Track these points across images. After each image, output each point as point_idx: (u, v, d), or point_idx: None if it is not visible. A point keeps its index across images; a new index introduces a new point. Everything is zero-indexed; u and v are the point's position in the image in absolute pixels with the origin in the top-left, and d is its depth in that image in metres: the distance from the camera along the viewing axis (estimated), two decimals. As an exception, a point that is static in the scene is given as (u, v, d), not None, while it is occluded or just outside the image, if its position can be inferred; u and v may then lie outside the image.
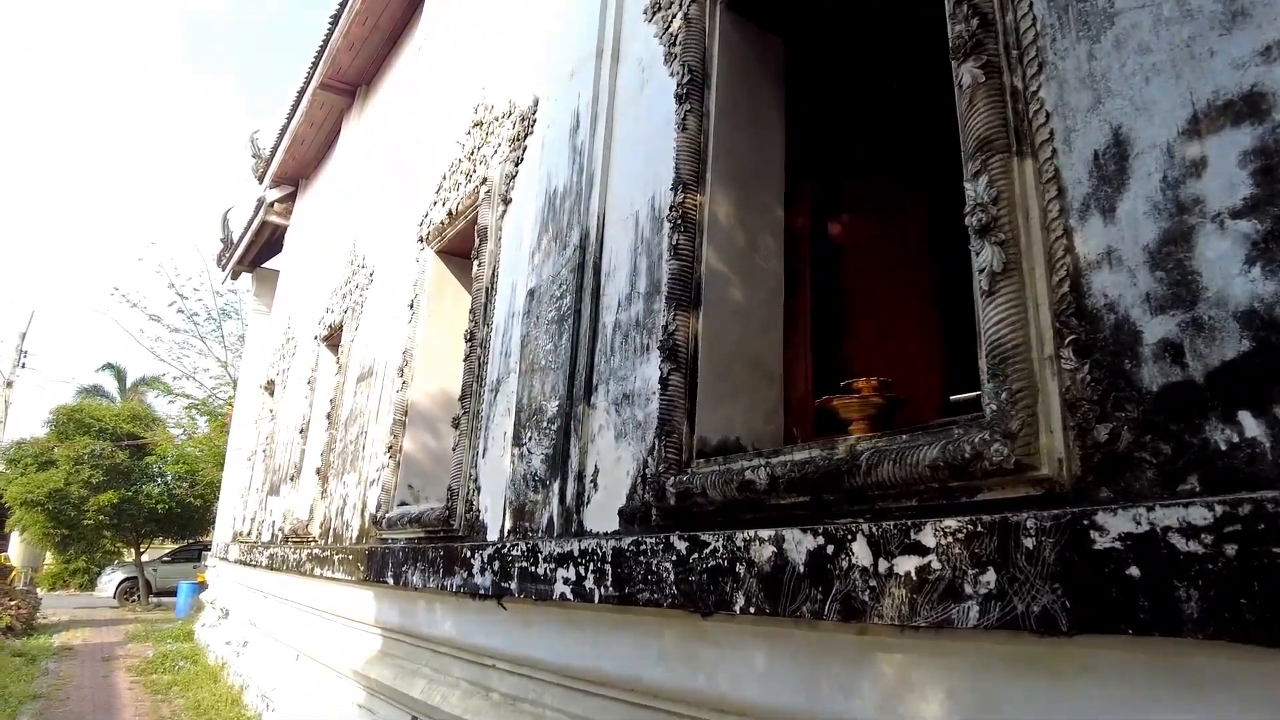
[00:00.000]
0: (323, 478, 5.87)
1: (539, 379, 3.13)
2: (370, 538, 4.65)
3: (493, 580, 2.91)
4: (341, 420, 5.87)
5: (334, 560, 4.83)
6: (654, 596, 2.09)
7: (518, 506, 3.06)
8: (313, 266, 8.58)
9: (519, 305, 3.54)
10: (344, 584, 4.73)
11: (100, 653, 9.57)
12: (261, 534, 7.69)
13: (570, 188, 3.26)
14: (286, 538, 6.50)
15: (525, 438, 3.13)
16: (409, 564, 3.70)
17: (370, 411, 5.17)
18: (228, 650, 7.70)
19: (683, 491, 2.18)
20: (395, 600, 4.04)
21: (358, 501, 5.01)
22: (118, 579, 17.17)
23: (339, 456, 5.67)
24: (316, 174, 10.06)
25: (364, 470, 5.02)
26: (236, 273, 13.30)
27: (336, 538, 5.23)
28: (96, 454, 15.31)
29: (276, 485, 7.52)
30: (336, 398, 6.04)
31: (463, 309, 4.87)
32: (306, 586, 5.62)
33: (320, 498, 5.82)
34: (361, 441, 5.17)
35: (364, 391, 5.41)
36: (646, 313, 2.64)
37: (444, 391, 4.72)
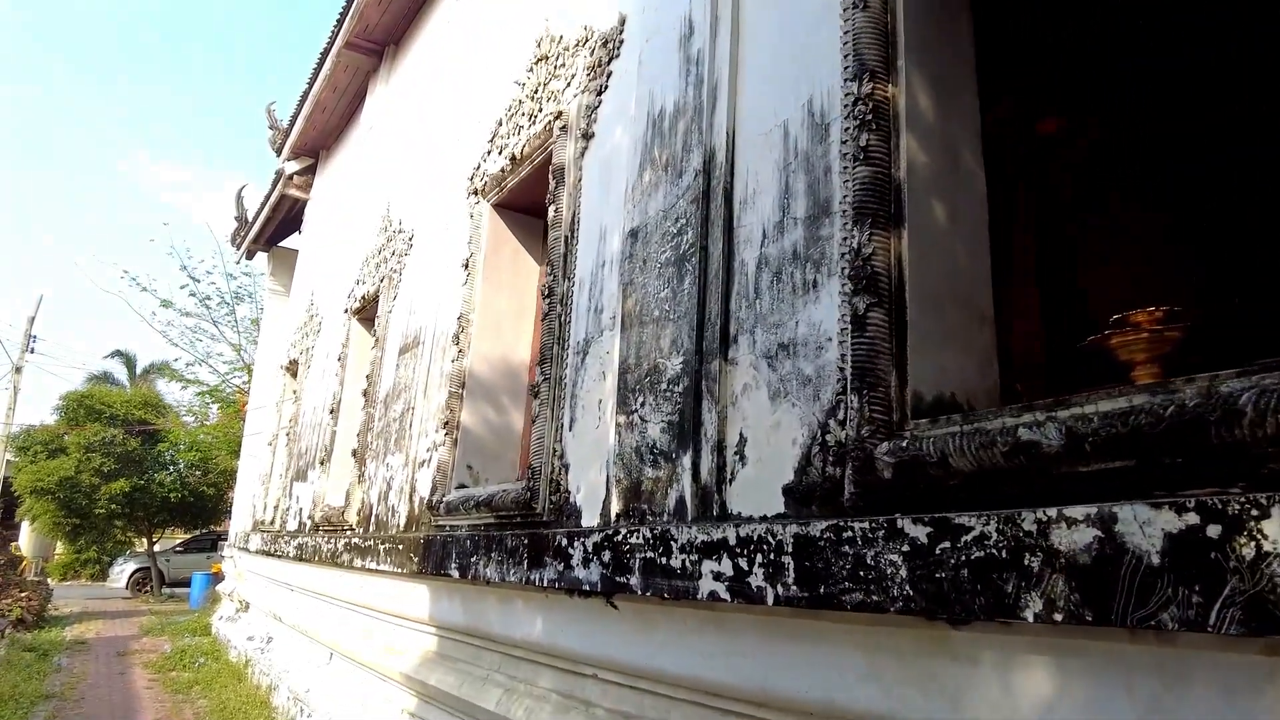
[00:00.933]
0: (359, 460, 5.36)
1: (651, 333, 2.60)
2: (423, 525, 4.14)
3: (601, 574, 2.39)
4: (380, 397, 5.35)
5: (378, 551, 4.32)
6: (870, 599, 1.57)
7: (629, 485, 2.54)
8: (338, 239, 8.06)
9: (613, 251, 3.01)
10: (391, 577, 4.23)
11: (115, 647, 9.13)
12: (286, 522, 7.20)
13: (684, 105, 2.72)
14: (317, 526, 6.00)
15: (635, 404, 2.60)
16: (479, 554, 3.18)
17: (417, 385, 4.65)
18: (250, 646, 7.22)
19: (906, 462, 1.64)
20: (459, 596, 3.52)
21: (405, 485, 4.49)
22: (130, 569, 16.77)
23: (379, 436, 5.16)
24: (339, 144, 9.53)
25: (412, 450, 4.51)
26: (252, 252, 12.80)
27: (379, 525, 4.72)
28: (108, 441, 14.87)
29: (303, 470, 7.02)
30: (373, 373, 5.53)
31: (523, 267, 4.34)
32: (342, 579, 5.12)
33: (357, 482, 5.31)
34: (408, 419, 4.65)
35: (408, 364, 4.89)
36: (809, 241, 2.10)
37: (505, 360, 4.20)
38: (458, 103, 5.29)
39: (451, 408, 4.07)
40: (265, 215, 11.05)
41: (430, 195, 5.36)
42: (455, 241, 4.63)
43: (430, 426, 4.39)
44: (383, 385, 5.36)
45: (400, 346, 5.12)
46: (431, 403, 4.45)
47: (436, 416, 4.33)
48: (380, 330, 5.65)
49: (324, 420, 6.69)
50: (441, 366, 4.43)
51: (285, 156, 10.17)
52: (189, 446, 15.79)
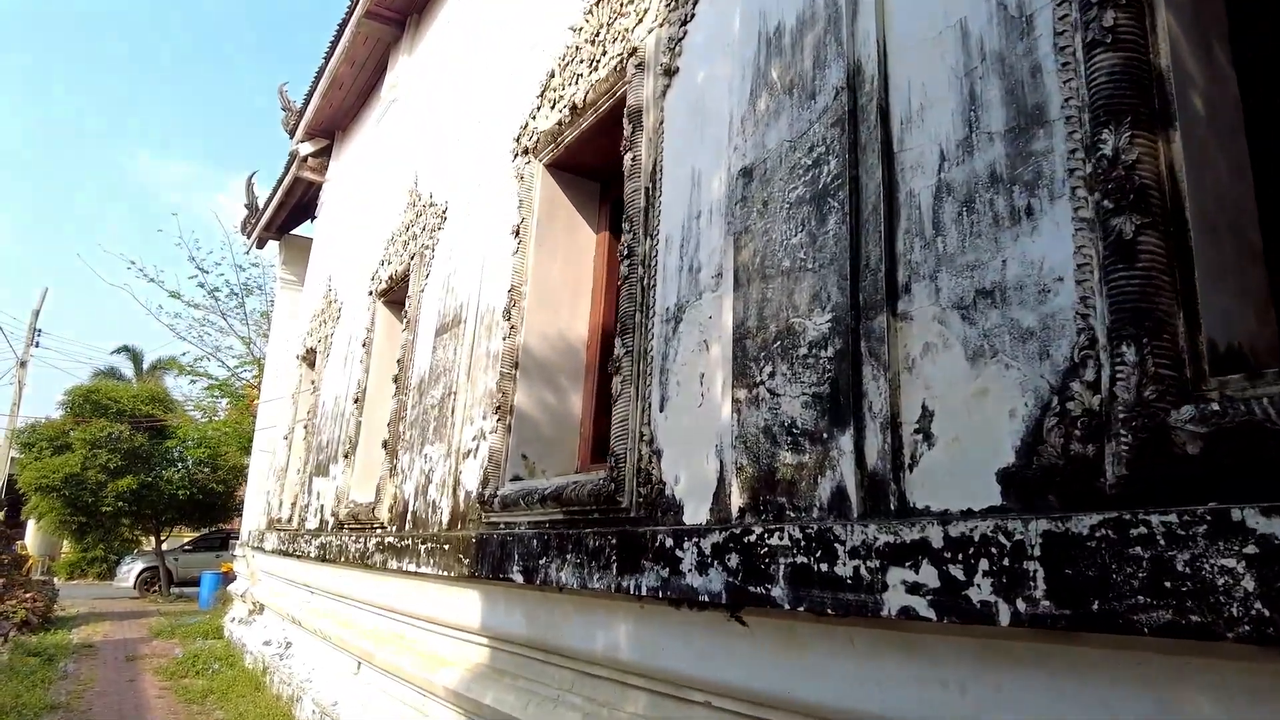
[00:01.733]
0: (391, 452, 4.91)
1: (780, 288, 2.14)
2: (472, 522, 3.69)
3: (726, 583, 1.94)
4: (413, 383, 4.91)
5: (418, 551, 3.87)
6: (1186, 620, 1.12)
7: (758, 474, 2.08)
8: (359, 220, 7.62)
9: (713, 198, 2.55)
10: (434, 581, 3.78)
11: (123, 650, 8.71)
12: (306, 521, 6.76)
13: (811, 17, 2.26)
14: (342, 524, 5.56)
15: (759, 374, 2.14)
16: (550, 556, 2.73)
17: (458, 368, 4.21)
18: (268, 652, 6.78)
19: (1227, 431, 1.18)
20: (521, 603, 3.07)
21: (447, 478, 4.05)
22: (137, 568, 16.38)
23: (413, 426, 4.71)
24: (356, 124, 9.08)
25: (455, 439, 4.06)
26: (263, 240, 12.37)
27: (418, 523, 4.28)
28: (114, 437, 14.47)
29: (323, 464, 6.58)
30: (405, 358, 5.08)
31: (579, 234, 3.90)
32: (373, 582, 4.68)
33: (389, 476, 4.86)
34: (449, 404, 4.20)
35: (446, 346, 4.45)
36: (1015, 159, 1.64)
37: (562, 336, 3.75)
38: (497, 62, 4.84)
39: (504, 390, 3.62)
40: (278, 200, 10.61)
41: (468, 162, 4.90)
42: (501, 208, 4.17)
43: (476, 413, 3.95)
44: (416, 370, 4.91)
45: (437, 327, 4.67)
46: (477, 386, 4.00)
47: (484, 401, 3.89)
48: (411, 312, 5.20)
49: (347, 410, 6.25)
50: (488, 346, 3.98)
51: (299, 138, 9.73)
52: (198, 442, 15.39)
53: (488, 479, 3.54)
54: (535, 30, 4.28)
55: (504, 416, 3.59)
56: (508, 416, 3.59)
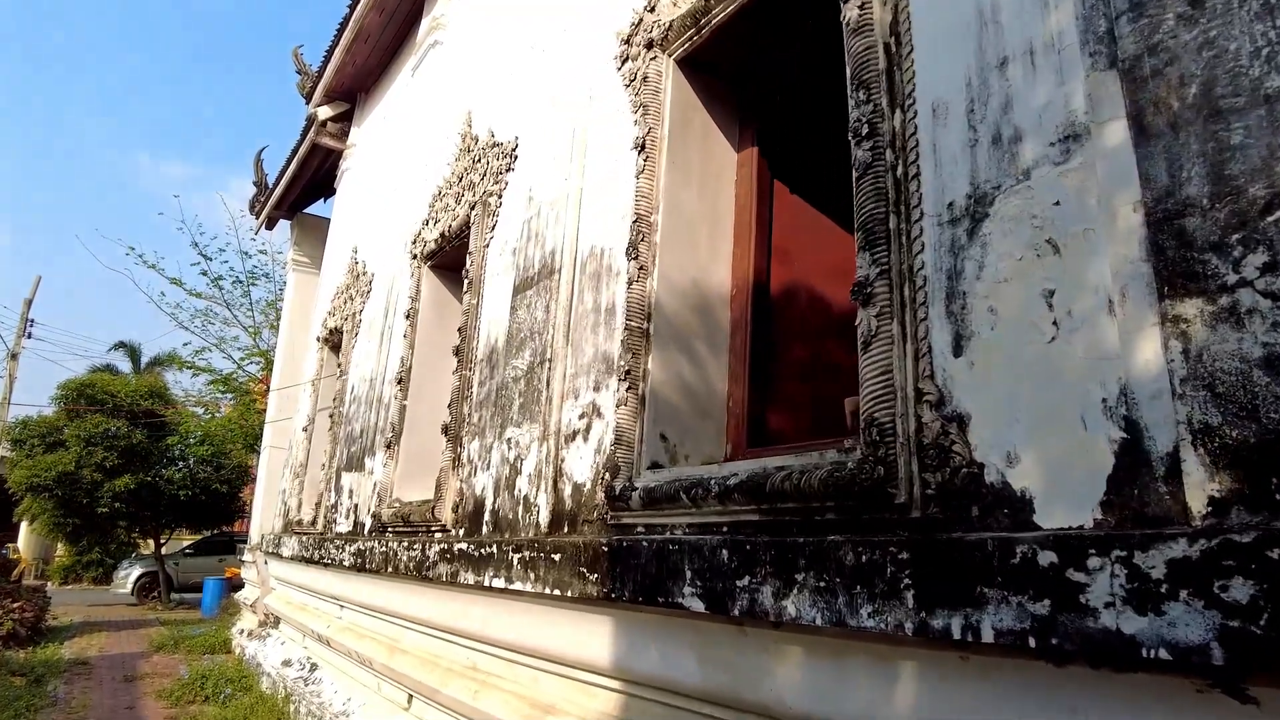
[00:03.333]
0: (453, 439, 4.01)
1: (1261, 123, 1.25)
2: (588, 523, 2.80)
3: (1220, 628, 1.06)
4: (481, 354, 4.01)
5: (506, 562, 2.98)
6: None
7: (1253, 438, 1.19)
8: (391, 183, 6.72)
9: (1044, 32, 1.66)
10: (534, 601, 2.89)
11: (121, 668, 7.79)
12: (334, 523, 5.85)
13: None
14: (385, 526, 4.66)
15: (1231, 268, 1.25)
16: (758, 573, 1.84)
17: (552, 329, 3.31)
18: (289, 675, 5.87)
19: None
20: (692, 639, 2.18)
21: (543, 467, 3.14)
22: (136, 573, 15.40)
23: (485, 405, 3.81)
24: (383, 82, 8.20)
25: (553, 419, 3.16)
26: (273, 220, 11.46)
27: (501, 525, 3.37)
28: (111, 433, 13.52)
29: (356, 457, 5.68)
30: (468, 324, 4.18)
31: (716, 152, 3.04)
32: (434, 598, 3.78)
33: (452, 468, 3.96)
34: (540, 376, 3.31)
35: (533, 304, 3.55)
36: None
37: (698, 286, 2.87)
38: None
39: (632, 350, 2.73)
40: (292, 173, 9.70)
41: (550, 81, 4.01)
42: (609, 124, 3.28)
43: (583, 383, 3.05)
44: (485, 338, 4.02)
45: (516, 284, 3.77)
46: (582, 350, 3.11)
47: (593, 369, 2.99)
48: (473, 271, 4.30)
49: (386, 394, 5.35)
50: (596, 298, 3.09)
51: (317, 100, 8.83)
52: (200, 440, 14.45)
53: (616, 467, 2.64)
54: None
55: (634, 385, 2.70)
56: (639, 385, 2.70)
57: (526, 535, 3.11)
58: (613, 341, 2.94)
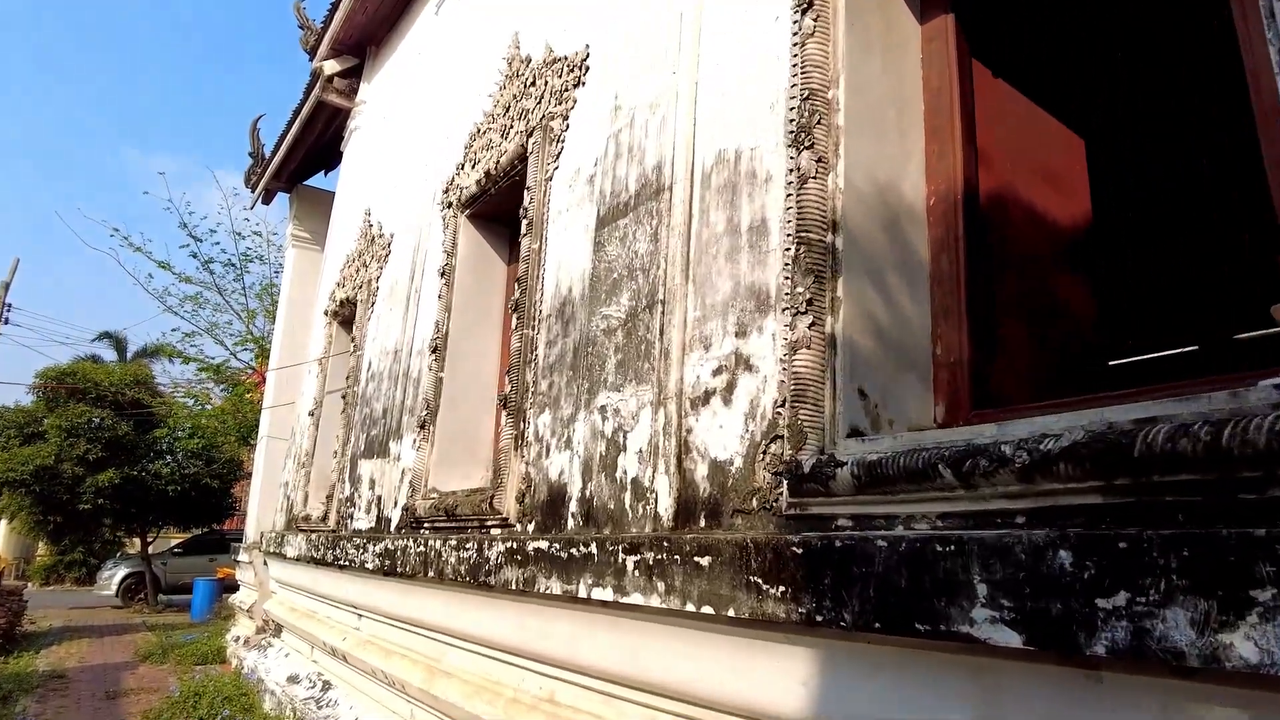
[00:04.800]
0: (515, 413, 3.23)
1: None
2: (743, 514, 2.02)
3: None
4: (547, 308, 3.24)
5: (613, 565, 2.22)
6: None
7: None
8: (413, 133, 5.93)
9: None
10: (662, 619, 2.12)
11: (103, 681, 6.96)
12: (351, 518, 5.06)
13: None
14: (420, 521, 3.87)
15: None
16: (1142, 587, 1.08)
17: (663, 263, 2.53)
18: (298, 695, 5.08)
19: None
20: (984, 690, 1.41)
21: (660, 440, 2.36)
22: (121, 574, 14.50)
23: (558, 368, 3.03)
24: (397, 30, 7.39)
25: (671, 378, 2.38)
26: (270, 193, 10.60)
27: (595, 519, 2.59)
28: (94, 424, 12.64)
29: (378, 442, 4.89)
30: (530, 271, 3.40)
31: (897, 19, 2.26)
32: (495, 611, 3.00)
33: (514, 447, 3.18)
34: (649, 323, 2.53)
35: (628, 236, 2.77)
36: None
37: (888, 192, 2.11)
38: None
39: (815, 273, 1.96)
40: (293, 137, 8.87)
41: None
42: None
43: (716, 329, 2.28)
44: (553, 287, 3.24)
45: (603, 213, 2.99)
46: (715, 286, 2.33)
47: (730, 310, 2.23)
48: (533, 209, 3.52)
49: (416, 366, 4.56)
50: (736, 215, 2.32)
51: (323, 54, 8.00)
52: (191, 432, 13.56)
53: (801, 432, 1.87)
54: None
55: (819, 321, 1.93)
56: (826, 321, 1.93)
57: (642, 531, 2.33)
58: (764, 269, 2.17)
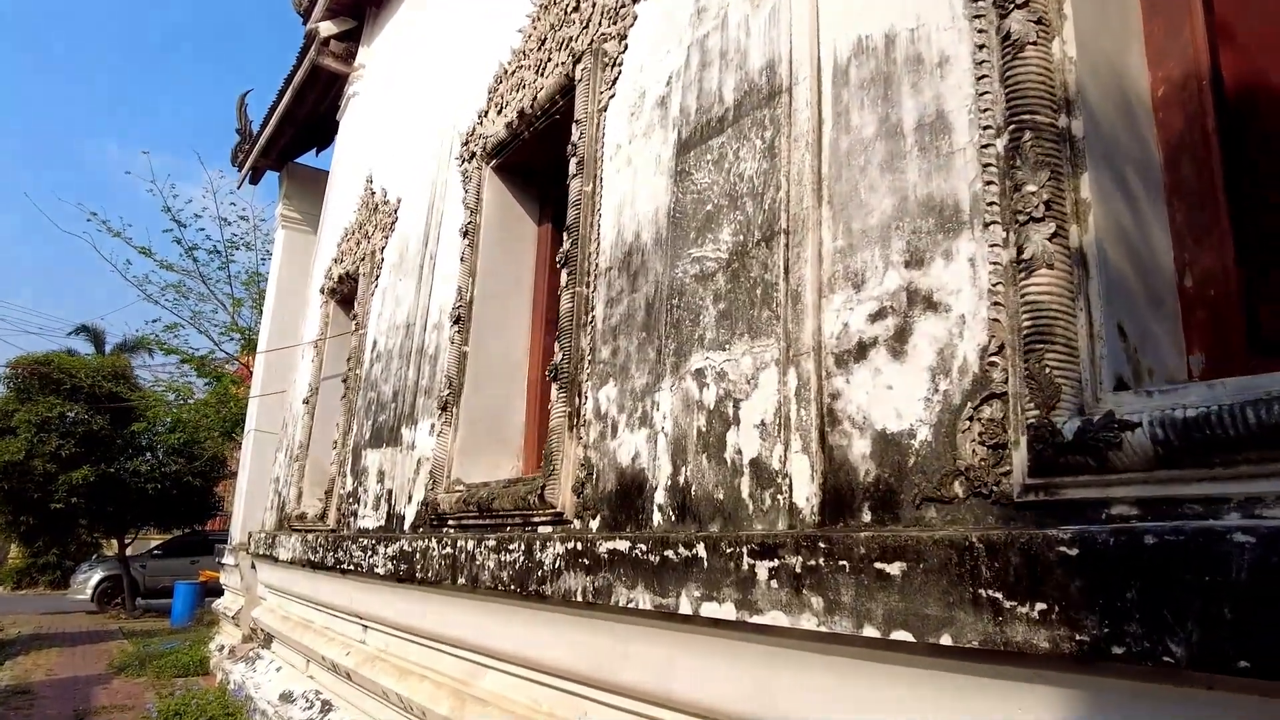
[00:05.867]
0: (568, 386, 2.66)
1: None
2: (953, 502, 1.46)
3: None
4: (606, 260, 2.67)
5: (734, 572, 1.68)
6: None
7: None
8: (424, 90, 5.35)
9: None
10: (819, 645, 1.56)
11: (72, 698, 6.31)
12: (356, 515, 4.46)
13: None
14: (443, 518, 3.30)
15: None
16: None
17: (785, 182, 1.96)
18: (293, 717, 4.47)
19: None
20: None
21: (789, 411, 1.79)
22: (96, 578, 13.75)
23: (625, 329, 2.46)
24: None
25: (806, 327, 1.80)
26: (258, 172, 9.96)
27: (695, 512, 2.01)
28: (68, 419, 11.92)
29: (388, 428, 4.29)
30: (581, 220, 2.83)
31: None
32: (552, 627, 2.43)
33: (568, 428, 2.61)
34: (769, 260, 1.96)
35: (726, 156, 2.20)
36: None
37: (1107, 74, 1.55)
38: None
39: (1051, 166, 1.41)
40: (285, 106, 8.23)
41: None
42: None
43: (873, 260, 1.72)
44: (613, 234, 2.67)
45: (686, 135, 2.41)
46: (867, 206, 1.77)
47: (903, 231, 1.68)
48: (583, 145, 2.95)
49: (432, 341, 3.97)
50: (896, 114, 1.76)
51: (319, 15, 7.39)
52: (172, 426, 12.84)
53: (1051, 385, 1.31)
54: None
55: (1062, 231, 1.38)
56: (1072, 231, 1.38)
57: (774, 527, 1.77)
58: (948, 175, 1.61)
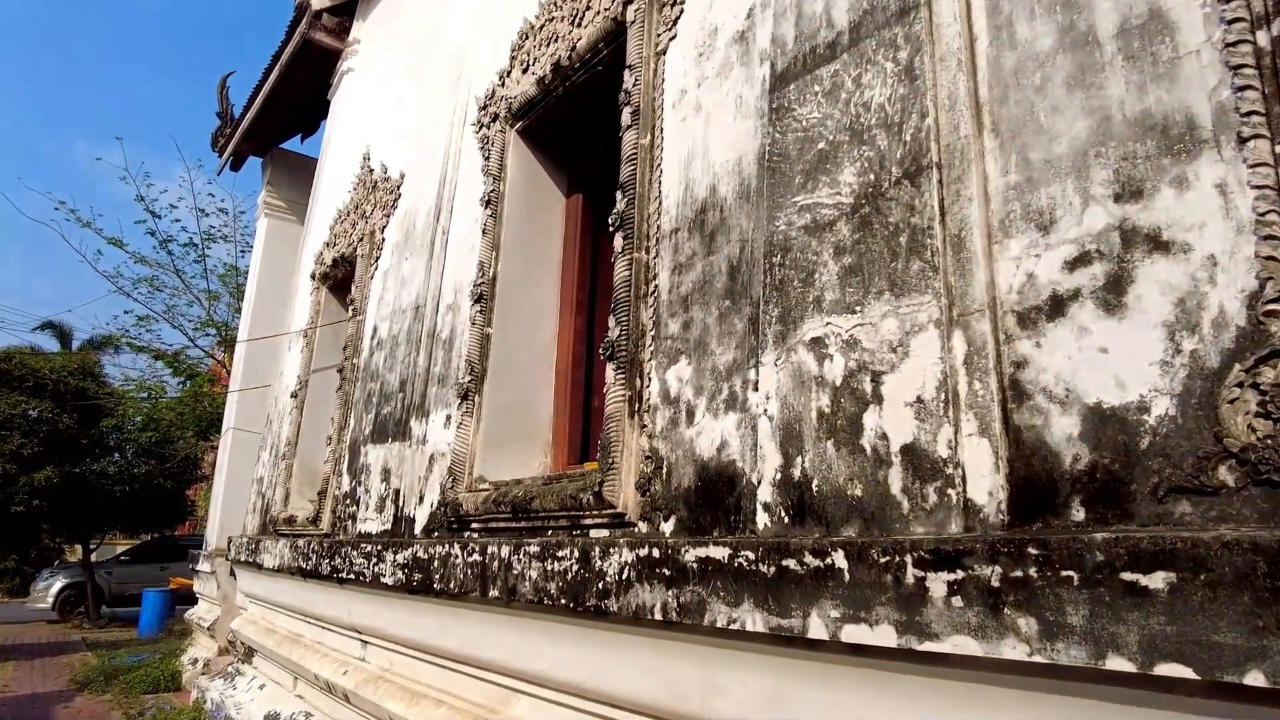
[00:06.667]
0: (626, 366, 2.28)
1: None
2: (1226, 493, 1.10)
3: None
4: (671, 220, 2.30)
5: (905, 598, 1.33)
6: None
7: None
8: (432, 55, 4.96)
9: None
10: (1032, 683, 1.19)
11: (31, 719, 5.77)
12: (354, 518, 4.03)
13: None
14: (465, 520, 2.90)
15: None
16: None
17: (931, 107, 1.61)
18: (282, 740, 4.02)
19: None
20: None
21: (956, 384, 1.44)
22: (58, 585, 13.03)
23: (700, 299, 2.09)
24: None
25: (976, 280, 1.45)
26: (240, 157, 9.44)
27: (819, 513, 1.64)
28: (30, 417, 11.26)
29: (394, 421, 3.88)
30: (638, 177, 2.46)
31: None
32: (613, 650, 2.05)
33: (628, 414, 2.22)
34: (908, 203, 1.59)
35: (840, 85, 1.84)
36: None
37: None
38: None
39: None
40: (273, 85, 7.75)
41: None
42: None
43: (1055, 197, 1.37)
44: (679, 190, 2.30)
45: (783, 69, 2.04)
46: (1043, 136, 1.42)
47: (1106, 161, 1.33)
48: (639, 93, 2.58)
49: (446, 324, 3.58)
50: (1076, 20, 1.42)
51: (310, -14, 6.95)
52: (143, 425, 12.20)
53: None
54: None
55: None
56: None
57: (945, 530, 1.40)
58: (1171, 86, 1.28)
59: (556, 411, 3.28)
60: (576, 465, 3.14)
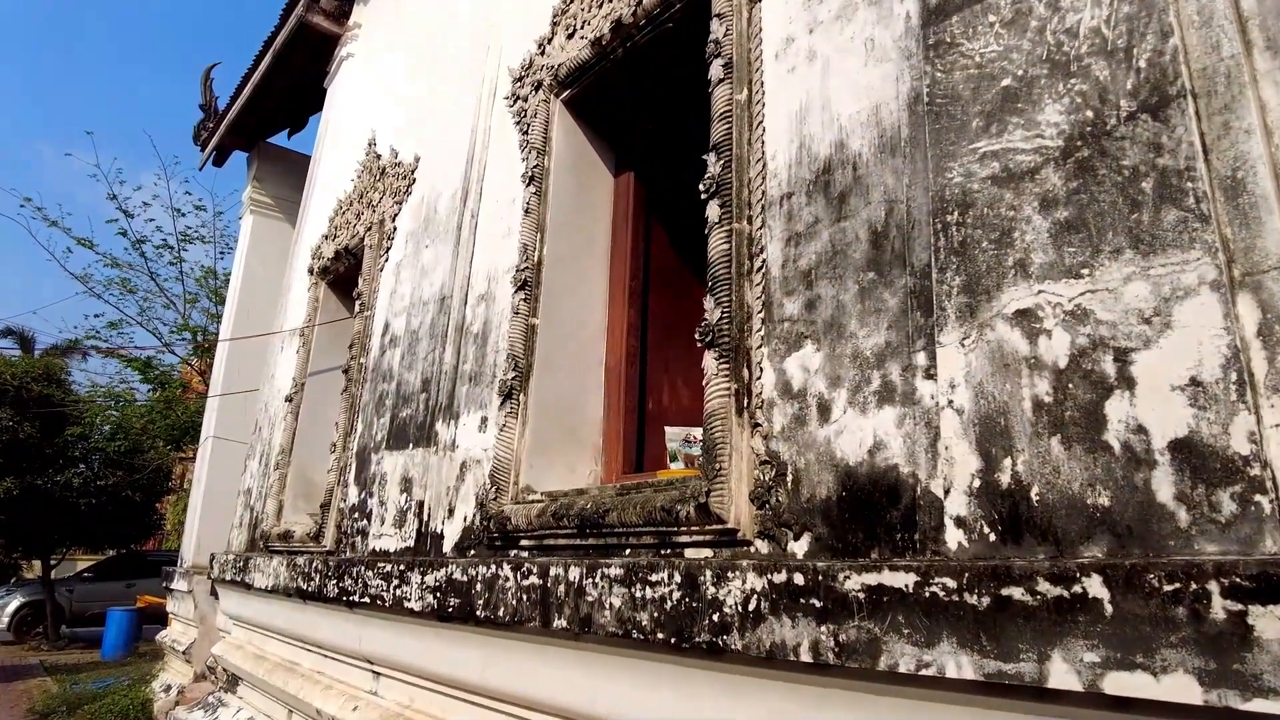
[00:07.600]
0: (730, 354, 1.93)
1: None
2: None
3: None
4: (781, 187, 1.96)
5: (1215, 638, 0.96)
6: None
7: None
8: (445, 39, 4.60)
9: None
10: None
11: (-16, 754, 5.22)
12: (365, 534, 3.61)
13: None
14: (511, 536, 2.52)
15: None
16: None
17: (1177, 23, 1.30)
18: (278, 784, 3.57)
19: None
20: None
21: (1256, 366, 1.12)
22: (15, 604, 12.26)
23: (824, 274, 1.75)
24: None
25: (1273, 230, 1.14)
26: (224, 152, 8.97)
27: (1045, 525, 1.30)
28: (-10, 424, 10.57)
29: (414, 425, 3.48)
30: (736, 138, 2.12)
31: None
32: (729, 699, 1.68)
33: (735, 412, 1.87)
34: (1151, 139, 1.28)
35: (1028, 8, 1.53)
36: None
37: None
38: None
39: None
40: (264, 73, 7.33)
41: None
42: None
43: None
44: (796, 147, 1.97)
45: (936, 3, 1.74)
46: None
47: None
48: (731, 43, 2.24)
49: (478, 316, 3.20)
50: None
51: (308, -32, 6.56)
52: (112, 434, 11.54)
53: None
54: None
55: None
56: None
57: (1253, 547, 1.07)
58: None
59: (607, 413, 2.92)
60: (632, 475, 2.78)
